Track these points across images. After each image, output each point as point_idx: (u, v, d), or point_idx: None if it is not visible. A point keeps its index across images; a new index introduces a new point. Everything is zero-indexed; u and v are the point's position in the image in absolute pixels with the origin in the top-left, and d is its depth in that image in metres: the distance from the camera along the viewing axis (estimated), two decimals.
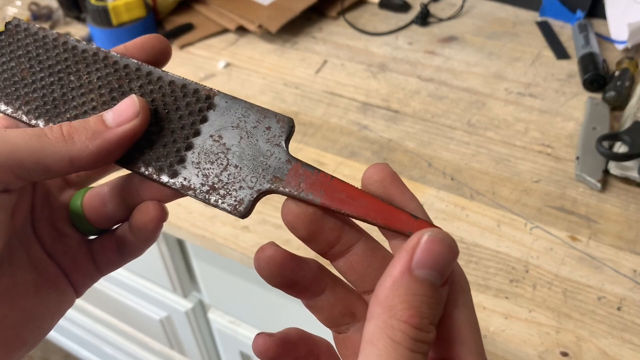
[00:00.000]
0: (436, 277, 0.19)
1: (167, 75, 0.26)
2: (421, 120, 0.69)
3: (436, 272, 0.19)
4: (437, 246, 0.19)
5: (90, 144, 0.22)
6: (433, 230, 0.19)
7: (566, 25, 0.86)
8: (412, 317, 0.18)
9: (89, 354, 1.32)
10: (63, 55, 0.27)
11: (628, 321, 0.48)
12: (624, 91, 0.69)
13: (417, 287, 0.18)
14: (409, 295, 0.18)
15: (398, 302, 0.18)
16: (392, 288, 0.18)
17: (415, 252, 0.19)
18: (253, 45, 0.84)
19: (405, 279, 0.18)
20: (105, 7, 0.78)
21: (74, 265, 0.26)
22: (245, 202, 0.24)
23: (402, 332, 0.18)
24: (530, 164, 0.63)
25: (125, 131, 0.23)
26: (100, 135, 0.23)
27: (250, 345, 0.81)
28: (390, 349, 0.17)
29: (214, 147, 0.24)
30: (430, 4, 0.90)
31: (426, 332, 0.18)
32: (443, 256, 0.19)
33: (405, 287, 0.18)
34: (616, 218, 0.56)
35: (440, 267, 0.19)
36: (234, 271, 0.69)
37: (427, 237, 0.19)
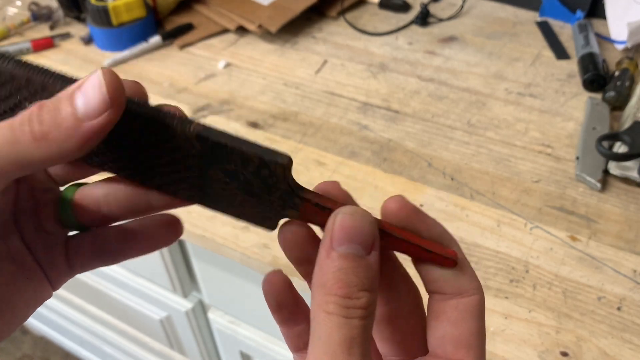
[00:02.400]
0: (357, 249, 0.20)
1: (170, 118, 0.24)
2: (421, 120, 0.69)
3: (355, 244, 0.20)
4: (349, 221, 0.20)
5: (65, 144, 0.21)
6: (345, 207, 0.21)
7: (566, 25, 0.86)
8: (339, 288, 0.19)
9: (89, 354, 1.32)
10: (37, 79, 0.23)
11: (628, 321, 0.48)
12: (623, 91, 0.69)
13: (341, 262, 0.20)
14: (335, 271, 0.20)
15: (327, 280, 0.20)
16: (320, 269, 0.20)
17: (332, 232, 0.20)
18: (253, 45, 0.84)
19: (329, 258, 0.20)
20: (106, 7, 0.78)
21: (50, 261, 0.26)
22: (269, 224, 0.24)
23: (333, 304, 0.19)
24: (530, 164, 0.63)
25: (102, 124, 0.21)
26: (74, 133, 0.21)
27: (250, 345, 0.81)
28: (327, 320, 0.19)
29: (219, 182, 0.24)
30: (430, 4, 0.90)
31: (356, 299, 0.19)
32: (356, 229, 0.20)
33: (330, 265, 0.20)
34: (616, 218, 0.56)
35: (357, 238, 0.20)
36: (234, 271, 0.69)
37: (339, 215, 0.21)
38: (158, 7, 0.86)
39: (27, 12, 0.90)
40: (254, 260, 0.54)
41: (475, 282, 0.23)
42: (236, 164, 0.23)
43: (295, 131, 0.68)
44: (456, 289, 0.22)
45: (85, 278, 0.98)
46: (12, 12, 0.93)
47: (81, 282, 1.01)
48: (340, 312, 0.19)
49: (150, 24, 0.83)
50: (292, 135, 0.67)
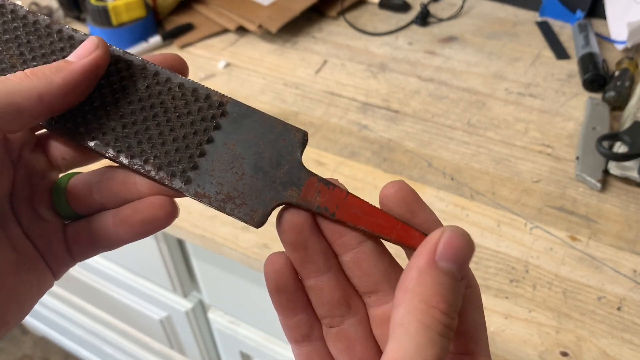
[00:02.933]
0: (456, 270, 0.20)
1: (175, 77, 0.25)
2: (421, 120, 0.69)
3: (456, 265, 0.20)
4: (458, 240, 0.20)
5: (55, 77, 0.23)
6: (453, 226, 0.21)
7: (566, 25, 0.86)
8: (440, 302, 0.19)
9: (89, 354, 1.32)
10: (58, 45, 0.25)
11: (628, 321, 0.48)
12: (623, 91, 0.69)
13: (442, 277, 0.19)
14: (436, 284, 0.19)
15: (426, 290, 0.19)
16: (420, 277, 0.19)
17: (438, 246, 0.20)
18: (253, 45, 0.84)
19: (431, 269, 0.20)
20: (106, 7, 0.78)
21: (50, 249, 0.26)
22: (260, 213, 0.24)
23: (432, 317, 0.19)
24: (530, 164, 0.63)
25: (89, 62, 0.24)
26: (64, 68, 0.23)
27: (250, 345, 0.81)
28: (422, 331, 0.18)
29: (228, 156, 0.24)
30: (430, 4, 0.90)
31: (451, 319, 0.19)
32: (462, 250, 0.20)
33: (432, 276, 0.19)
34: (616, 218, 0.56)
35: (460, 260, 0.20)
36: (234, 271, 0.69)
37: (448, 232, 0.20)
38: (158, 7, 0.86)
39: None
40: (254, 260, 0.54)
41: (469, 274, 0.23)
42: (257, 132, 0.24)
43: None
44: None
45: (85, 278, 0.98)
46: None
47: (81, 282, 1.01)
48: (437, 328, 0.19)
49: (150, 24, 0.83)
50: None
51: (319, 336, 0.26)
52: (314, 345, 0.25)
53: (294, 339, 0.26)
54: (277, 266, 0.24)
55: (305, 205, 0.23)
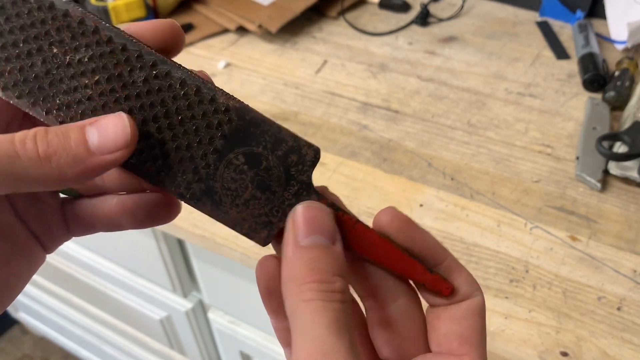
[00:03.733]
0: (321, 239, 0.21)
1: (176, 70, 0.22)
2: (421, 120, 0.69)
3: (318, 234, 0.21)
4: (309, 213, 0.21)
5: (69, 170, 0.20)
6: (301, 203, 0.22)
7: (566, 25, 0.86)
8: (312, 276, 0.20)
9: (89, 353, 1.32)
10: (38, 15, 0.21)
11: (628, 321, 0.48)
12: (623, 91, 0.69)
13: (308, 253, 0.20)
14: (304, 262, 0.20)
15: (298, 272, 0.20)
16: (289, 264, 0.20)
17: (296, 228, 0.21)
18: (253, 45, 0.84)
19: (297, 253, 0.20)
20: (106, 7, 0.78)
21: (45, 230, 0.26)
22: (265, 234, 0.23)
23: (309, 291, 0.19)
24: (530, 164, 0.63)
25: (109, 161, 0.21)
26: (81, 162, 0.20)
27: (250, 345, 0.81)
28: (307, 307, 0.19)
29: (234, 170, 0.23)
30: (430, 4, 0.90)
31: (331, 283, 0.20)
32: (318, 219, 0.21)
33: (299, 258, 0.20)
34: (616, 218, 0.56)
35: (319, 229, 0.21)
36: (234, 271, 0.69)
37: (298, 211, 0.21)
38: (158, 7, 0.86)
39: None
40: (254, 260, 0.54)
41: (473, 285, 0.23)
42: (266, 145, 0.23)
43: (295, 131, 0.68)
44: (456, 296, 0.23)
45: (85, 278, 0.98)
46: None
47: (81, 282, 1.01)
48: (320, 297, 0.19)
49: None
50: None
51: None
52: None
53: (285, 342, 0.26)
54: (267, 269, 0.24)
55: None
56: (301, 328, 0.19)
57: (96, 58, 0.22)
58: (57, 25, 0.22)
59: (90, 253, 0.92)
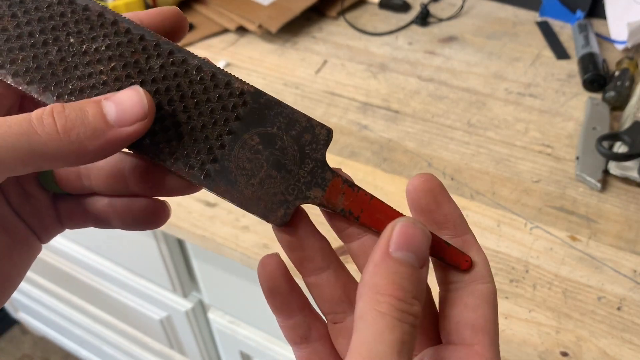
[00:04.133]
0: (413, 258, 0.20)
1: (192, 58, 0.23)
2: (421, 120, 0.69)
3: (412, 253, 0.20)
4: (410, 230, 0.21)
5: (89, 144, 0.20)
6: (406, 217, 0.21)
7: (566, 25, 0.86)
8: (395, 290, 0.19)
9: (89, 354, 1.32)
10: (57, 9, 0.22)
11: (628, 321, 0.48)
12: (623, 91, 0.69)
13: (397, 266, 0.20)
14: (390, 274, 0.20)
15: (381, 280, 0.20)
16: (375, 270, 0.20)
17: (392, 238, 0.20)
18: (253, 45, 0.84)
19: (386, 261, 0.20)
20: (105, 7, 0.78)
21: (41, 224, 0.26)
22: (282, 212, 0.23)
23: (387, 304, 0.19)
24: (530, 164, 0.63)
25: (129, 133, 0.21)
26: (101, 135, 0.20)
27: (250, 345, 0.81)
28: (379, 319, 0.19)
29: (249, 150, 0.23)
30: (430, 4, 0.90)
31: (409, 305, 0.19)
32: (416, 239, 0.21)
33: (386, 267, 0.20)
34: (616, 218, 0.56)
35: (415, 248, 0.20)
36: (234, 271, 0.69)
37: (401, 223, 0.21)
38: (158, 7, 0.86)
39: None
40: (254, 260, 0.54)
41: (489, 270, 0.23)
42: (280, 125, 0.23)
43: None
44: (471, 276, 0.23)
45: (85, 278, 0.98)
46: None
47: (81, 282, 1.01)
48: (394, 314, 0.19)
49: None
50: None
51: (318, 337, 0.25)
52: (313, 346, 0.25)
53: (292, 341, 0.26)
54: (269, 268, 0.24)
55: (329, 208, 0.23)
56: (365, 336, 0.19)
57: (113, 47, 0.22)
58: (76, 18, 0.22)
59: (90, 253, 0.92)
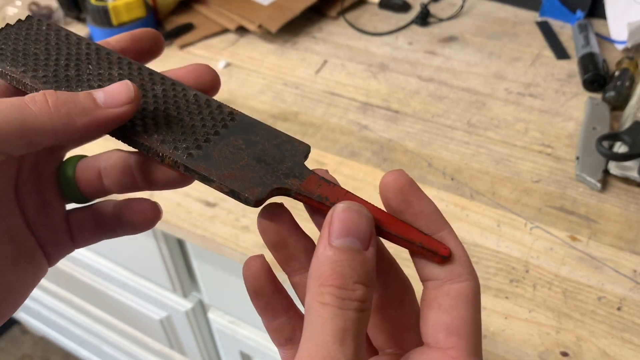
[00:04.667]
0: (354, 242, 0.20)
1: (190, 90, 0.26)
2: (421, 120, 0.69)
3: (352, 237, 0.20)
4: (347, 215, 0.20)
5: (78, 120, 0.21)
6: (343, 202, 0.21)
7: (566, 25, 0.86)
8: (335, 279, 0.19)
9: (89, 354, 1.32)
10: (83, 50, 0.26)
11: (628, 321, 0.48)
12: (624, 91, 0.69)
13: (338, 255, 0.20)
14: (331, 263, 0.20)
15: (323, 272, 0.20)
16: (317, 262, 0.20)
17: (330, 227, 0.20)
18: (253, 45, 0.84)
19: (327, 252, 0.20)
20: (106, 7, 0.78)
21: (52, 237, 0.26)
22: (260, 190, 0.23)
23: (328, 294, 0.19)
24: (530, 164, 0.63)
25: (116, 114, 0.22)
26: (89, 112, 0.22)
27: (250, 345, 0.81)
28: (321, 310, 0.19)
29: (232, 147, 0.24)
30: (430, 4, 0.90)
31: (351, 290, 0.19)
32: (354, 222, 0.20)
33: (328, 258, 0.20)
34: (616, 218, 0.56)
35: (355, 232, 0.20)
36: (234, 271, 0.69)
37: (336, 211, 0.21)
38: (158, 7, 0.86)
39: (27, 12, 0.90)
40: None
41: (468, 268, 0.22)
42: (263, 135, 0.25)
43: (295, 131, 0.68)
44: (448, 274, 0.22)
45: (85, 278, 0.98)
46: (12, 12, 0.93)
47: (81, 282, 1.01)
48: (335, 303, 0.19)
49: (151, 23, 0.83)
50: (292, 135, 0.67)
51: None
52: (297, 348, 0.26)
53: (277, 342, 0.26)
54: (253, 270, 0.24)
55: (305, 194, 0.23)
56: (310, 329, 0.19)
57: (124, 75, 0.26)
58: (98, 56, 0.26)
59: (90, 253, 0.92)
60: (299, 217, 0.25)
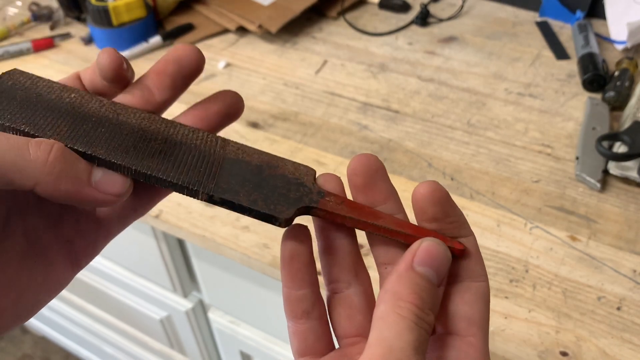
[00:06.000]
0: (433, 275, 0.22)
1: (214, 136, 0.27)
2: (421, 120, 0.70)
3: (433, 270, 0.22)
4: (434, 249, 0.23)
5: (63, 185, 0.22)
6: (432, 238, 0.24)
7: (566, 26, 0.86)
8: (415, 299, 0.22)
9: (89, 353, 1.32)
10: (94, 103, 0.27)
11: (628, 321, 0.48)
12: (623, 91, 0.69)
13: (418, 279, 0.22)
14: (412, 284, 0.22)
15: (403, 289, 0.22)
16: (398, 279, 0.22)
17: (417, 253, 0.23)
18: (253, 46, 0.84)
19: (409, 273, 0.22)
20: (106, 7, 0.78)
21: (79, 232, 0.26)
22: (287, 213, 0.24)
23: (407, 309, 0.21)
24: (530, 164, 0.63)
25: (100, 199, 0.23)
26: (77, 184, 0.22)
27: (250, 345, 0.82)
28: (399, 320, 0.21)
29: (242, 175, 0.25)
30: (430, 4, 0.90)
31: (426, 314, 0.21)
32: (439, 258, 0.23)
33: (409, 278, 0.22)
34: (616, 218, 0.56)
35: (436, 266, 0.23)
36: (234, 271, 0.69)
37: (426, 242, 0.23)
38: (158, 7, 0.86)
39: (27, 12, 0.90)
40: (254, 260, 0.54)
41: (484, 270, 0.25)
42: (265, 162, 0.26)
43: (295, 131, 0.68)
44: (469, 273, 0.24)
45: (85, 278, 0.98)
46: (12, 12, 0.93)
47: (81, 282, 1.01)
48: (412, 318, 0.21)
49: (151, 24, 0.83)
50: (292, 135, 0.67)
51: (318, 315, 0.26)
52: (311, 323, 0.26)
53: (293, 314, 0.26)
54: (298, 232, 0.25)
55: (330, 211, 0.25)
56: (385, 334, 0.21)
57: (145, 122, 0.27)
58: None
59: None
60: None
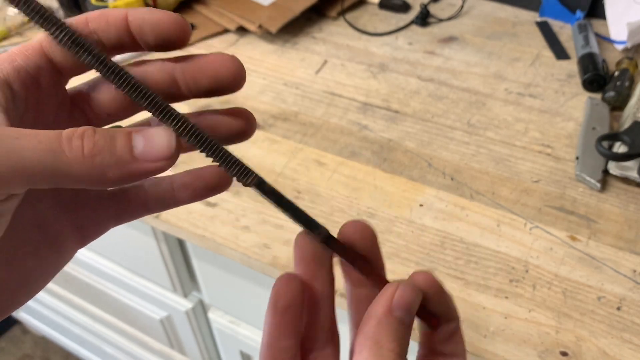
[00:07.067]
0: (408, 318, 0.24)
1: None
2: (421, 120, 0.70)
3: (408, 313, 0.23)
4: (410, 293, 0.24)
5: (109, 172, 0.20)
6: (405, 281, 0.25)
7: (566, 26, 0.86)
8: (396, 347, 0.22)
9: (89, 353, 1.32)
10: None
11: (628, 321, 0.48)
12: (623, 91, 0.69)
13: (397, 324, 0.23)
14: (392, 331, 0.23)
15: (384, 336, 0.23)
16: (379, 326, 0.23)
17: (394, 297, 0.23)
18: (253, 46, 0.84)
19: (388, 319, 0.23)
20: (106, 7, 0.78)
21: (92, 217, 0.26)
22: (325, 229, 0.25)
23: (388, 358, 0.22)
24: (530, 164, 0.63)
25: (151, 169, 0.21)
26: (123, 166, 0.20)
27: (250, 345, 0.82)
28: None
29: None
30: (430, 4, 0.90)
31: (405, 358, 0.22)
32: (413, 301, 0.24)
33: (389, 325, 0.23)
34: (616, 218, 0.56)
35: (411, 309, 0.24)
36: (234, 271, 0.69)
37: (402, 286, 0.24)
38: (158, 7, 0.86)
39: None
40: (254, 260, 0.54)
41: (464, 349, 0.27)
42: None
43: (295, 131, 0.68)
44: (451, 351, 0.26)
45: (85, 278, 0.98)
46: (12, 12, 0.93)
47: (81, 282, 1.01)
48: None
49: None
50: (292, 135, 0.67)
51: None
52: None
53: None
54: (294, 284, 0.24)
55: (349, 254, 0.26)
56: None
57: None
58: None
59: (90, 253, 0.92)
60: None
